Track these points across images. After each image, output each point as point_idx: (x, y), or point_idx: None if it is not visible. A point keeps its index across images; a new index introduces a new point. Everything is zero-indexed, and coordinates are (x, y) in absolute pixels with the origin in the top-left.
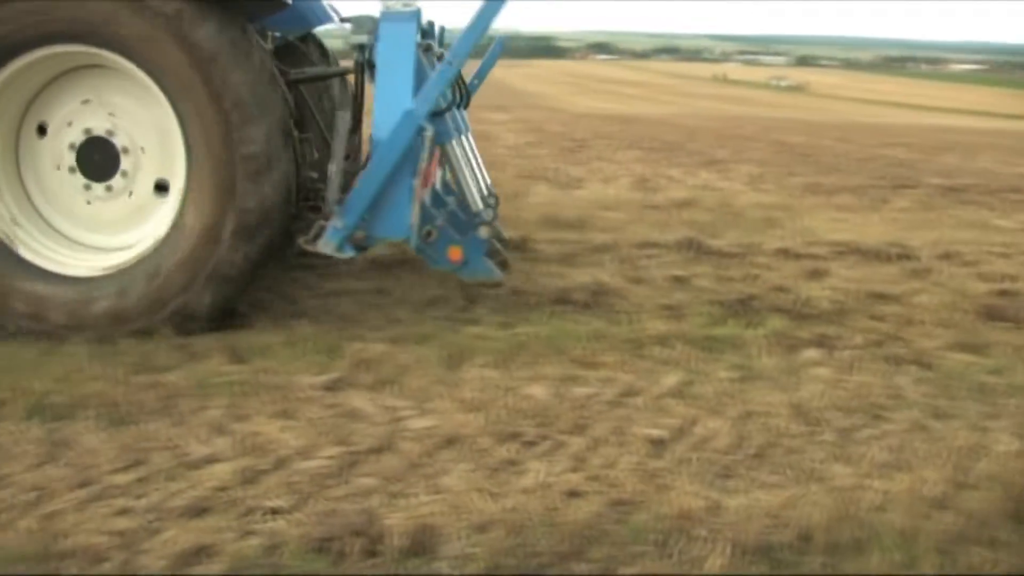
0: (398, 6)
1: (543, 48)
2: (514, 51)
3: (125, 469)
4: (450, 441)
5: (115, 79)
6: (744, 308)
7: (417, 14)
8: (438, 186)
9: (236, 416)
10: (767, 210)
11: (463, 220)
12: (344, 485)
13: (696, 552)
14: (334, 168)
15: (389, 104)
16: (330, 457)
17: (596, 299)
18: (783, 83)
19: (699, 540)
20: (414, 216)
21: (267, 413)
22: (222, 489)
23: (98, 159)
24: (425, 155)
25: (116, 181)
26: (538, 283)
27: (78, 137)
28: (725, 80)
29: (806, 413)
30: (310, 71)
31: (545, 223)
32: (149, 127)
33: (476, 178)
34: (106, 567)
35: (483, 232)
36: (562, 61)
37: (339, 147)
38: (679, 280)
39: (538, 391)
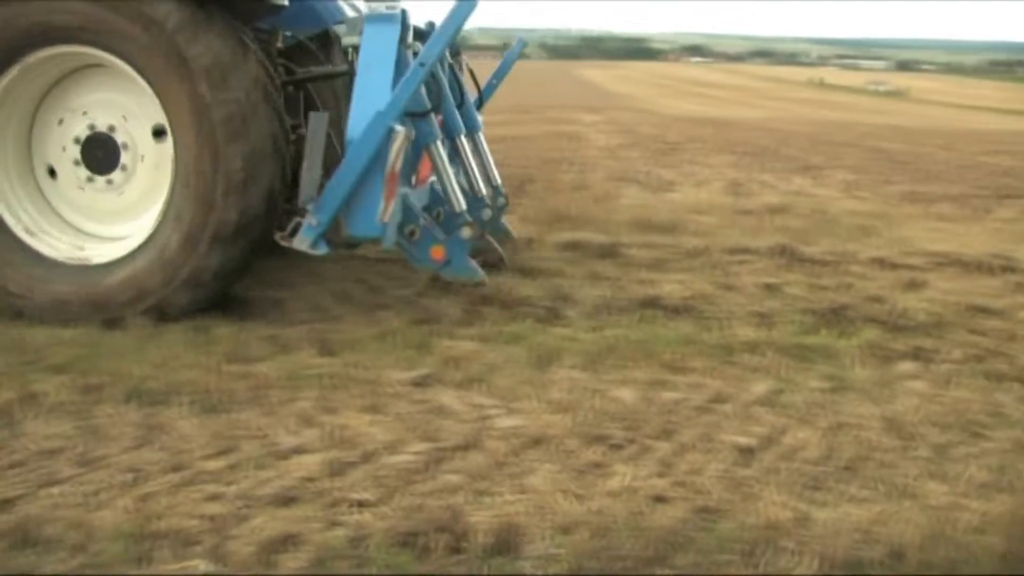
0: (381, 8)
1: (636, 50)
2: (606, 52)
3: (216, 455)
4: (536, 441)
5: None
6: (837, 317)
7: (399, 16)
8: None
9: (325, 408)
10: (863, 218)
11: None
12: (430, 481)
13: (783, 564)
14: (305, 167)
15: (365, 104)
16: (417, 452)
17: (686, 304)
18: (882, 88)
19: (786, 552)
20: (386, 215)
21: (356, 406)
22: (310, 480)
23: (101, 154)
24: (393, 155)
25: (116, 175)
26: (628, 286)
27: (84, 132)
28: (821, 84)
29: (900, 427)
30: (316, 71)
31: (636, 226)
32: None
33: (477, 177)
34: (197, 550)
35: (465, 232)
36: (655, 63)
37: (313, 147)
38: (771, 287)
39: (626, 394)
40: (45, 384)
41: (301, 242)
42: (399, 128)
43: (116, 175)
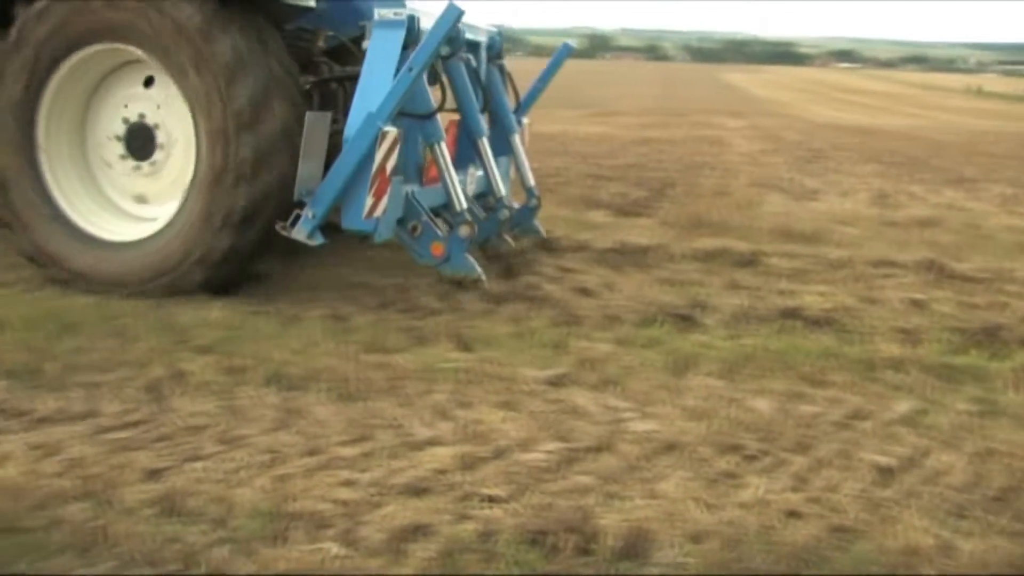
0: (389, 14)
1: (782, 54)
2: (752, 56)
3: (351, 443)
4: (670, 447)
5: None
6: (989, 338)
7: (405, 23)
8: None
9: (460, 402)
10: (1021, 234)
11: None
12: (561, 480)
13: None
14: (302, 163)
15: (362, 106)
16: (549, 452)
17: (827, 316)
18: None
19: None
20: (375, 211)
21: (490, 402)
22: (441, 472)
23: (140, 142)
24: (381, 155)
25: (152, 162)
26: (768, 296)
27: (125, 123)
28: (979, 92)
29: None
30: (349, 70)
31: (778, 235)
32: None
33: (497, 178)
34: (329, 533)
35: (463, 231)
36: (802, 68)
37: (310, 144)
38: (917, 303)
39: (763, 405)
40: (191, 364)
41: (299, 232)
42: (388, 129)
43: (152, 161)
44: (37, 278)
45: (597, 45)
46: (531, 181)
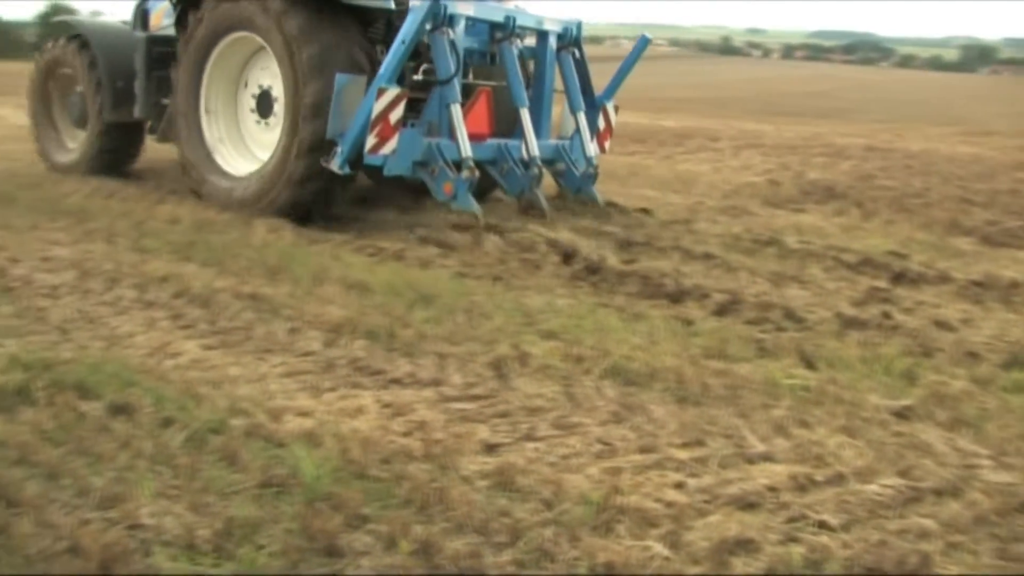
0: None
1: None
2: None
3: (684, 446)
4: None
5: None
6: None
7: (426, 7)
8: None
9: (798, 421)
10: None
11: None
12: (900, 519)
13: None
14: (332, 112)
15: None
16: (888, 486)
17: None
18: None
19: None
20: (380, 149)
21: (830, 425)
22: (772, 489)
23: (264, 105)
24: (380, 107)
25: (271, 119)
26: None
27: (255, 90)
28: None
29: None
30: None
31: None
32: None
33: (532, 143)
34: (653, 533)
35: (465, 174)
36: None
37: (339, 99)
38: None
39: None
40: (536, 347)
41: (333, 163)
42: (385, 87)
43: (269, 120)
44: (409, 251)
45: (975, 57)
46: (591, 152)
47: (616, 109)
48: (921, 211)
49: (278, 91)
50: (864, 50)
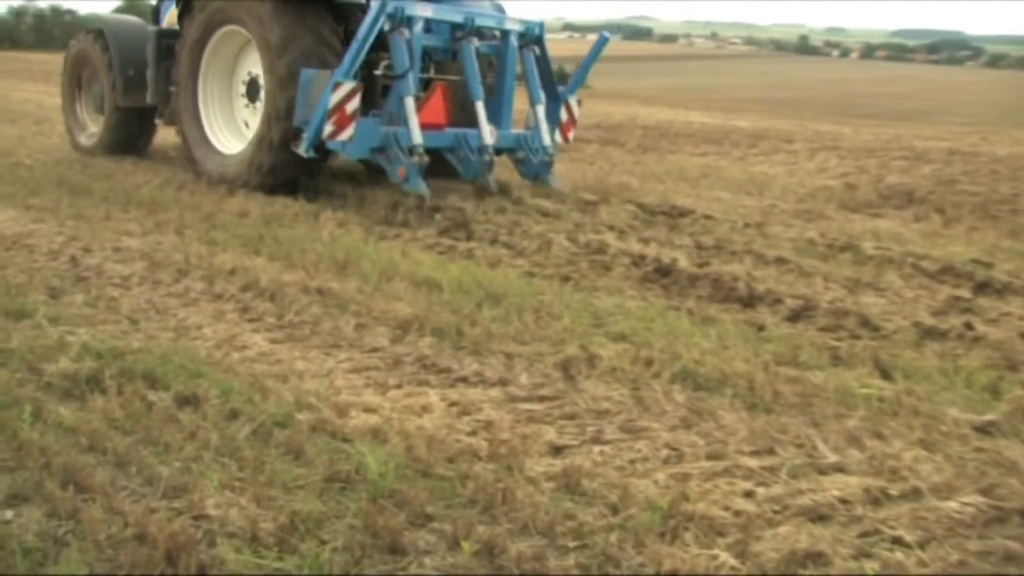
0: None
1: None
2: None
3: (754, 454)
4: None
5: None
6: None
7: (382, 5)
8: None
9: (873, 432)
10: None
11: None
12: (979, 540)
13: None
14: (298, 103)
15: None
16: (969, 504)
17: None
18: None
19: None
20: (337, 136)
21: (907, 438)
22: (845, 501)
23: (252, 90)
24: (335, 99)
25: (257, 102)
26: None
27: (246, 77)
28: None
29: None
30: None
31: None
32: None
33: (485, 132)
34: (721, 542)
35: (415, 159)
36: None
37: (303, 92)
38: None
39: None
40: (604, 349)
41: (299, 147)
42: (339, 80)
43: (256, 103)
44: (478, 250)
45: None
46: (547, 141)
47: (579, 103)
48: (1008, 218)
49: (264, 80)
50: (950, 49)
